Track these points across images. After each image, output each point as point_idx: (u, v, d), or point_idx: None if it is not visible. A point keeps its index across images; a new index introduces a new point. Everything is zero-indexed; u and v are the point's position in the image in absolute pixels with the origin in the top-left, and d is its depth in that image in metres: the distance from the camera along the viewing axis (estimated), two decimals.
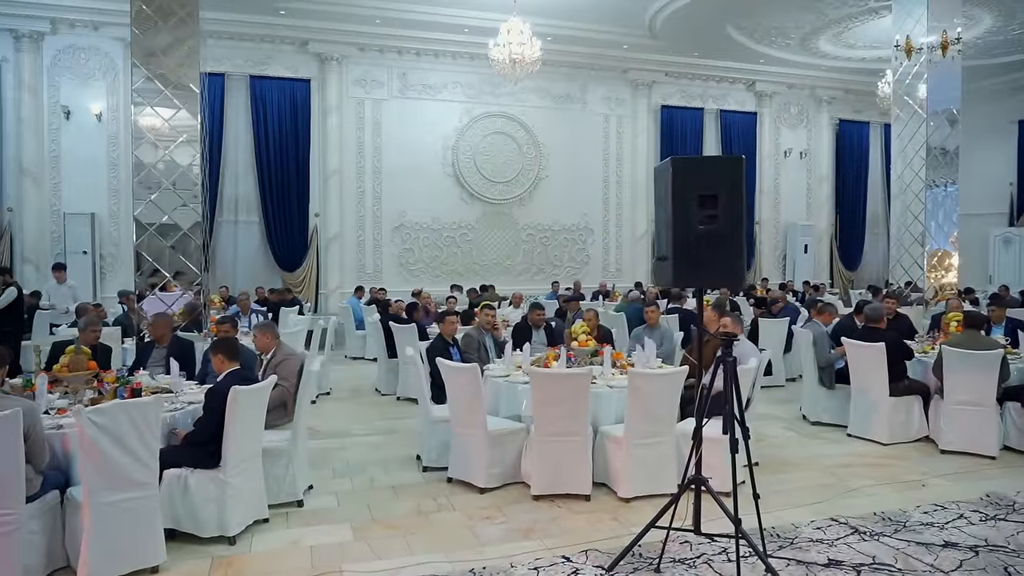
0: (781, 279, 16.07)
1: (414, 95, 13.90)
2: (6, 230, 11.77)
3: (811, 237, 16.30)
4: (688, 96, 15.62)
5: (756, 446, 6.04)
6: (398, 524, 4.44)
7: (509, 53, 10.92)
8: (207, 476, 4.09)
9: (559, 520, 4.50)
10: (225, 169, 12.84)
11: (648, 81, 15.14)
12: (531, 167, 14.60)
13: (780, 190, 16.35)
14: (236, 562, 3.92)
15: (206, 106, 12.32)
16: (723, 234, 3.55)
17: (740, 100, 15.99)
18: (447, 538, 4.22)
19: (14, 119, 11.73)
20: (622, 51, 14.30)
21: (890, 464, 5.70)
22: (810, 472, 5.51)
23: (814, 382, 7.00)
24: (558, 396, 4.79)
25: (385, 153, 13.75)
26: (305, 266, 13.34)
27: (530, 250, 14.78)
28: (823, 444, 6.33)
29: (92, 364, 4.72)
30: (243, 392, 4.08)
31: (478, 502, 4.82)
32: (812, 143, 16.60)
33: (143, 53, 6.60)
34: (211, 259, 12.76)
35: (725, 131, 15.73)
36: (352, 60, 13.43)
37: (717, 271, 3.59)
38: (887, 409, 6.22)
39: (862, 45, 13.84)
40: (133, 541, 3.68)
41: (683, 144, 15.41)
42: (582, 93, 14.95)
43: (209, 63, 12.53)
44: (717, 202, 3.56)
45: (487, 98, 14.26)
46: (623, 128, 15.23)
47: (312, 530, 4.36)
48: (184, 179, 6.78)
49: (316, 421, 7.23)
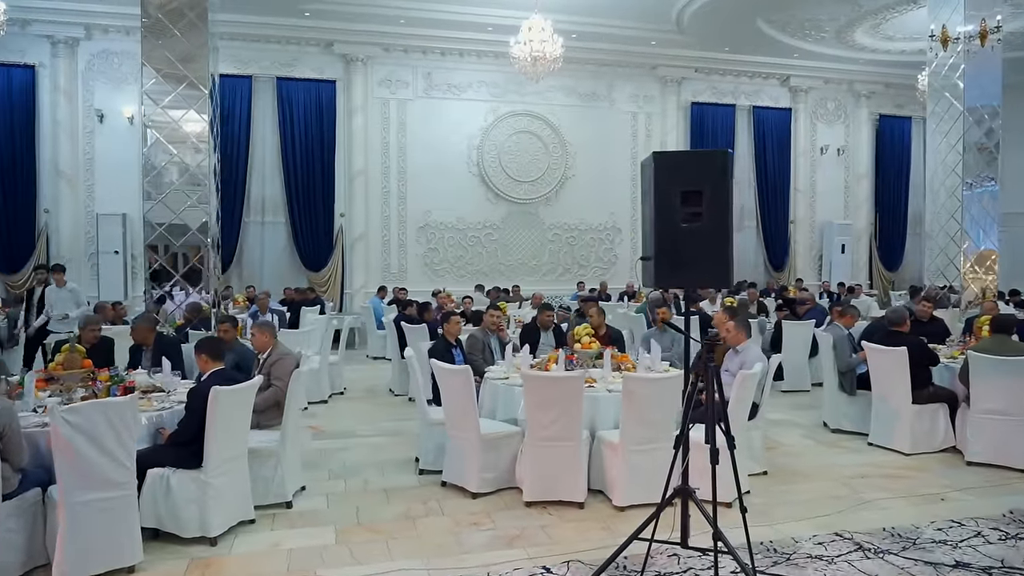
0: (817, 280, 15.58)
1: (439, 95, 13.86)
2: (43, 231, 12.12)
3: (849, 237, 15.75)
4: (719, 92, 15.24)
5: (769, 454, 5.86)
6: (383, 528, 4.36)
7: (530, 51, 10.79)
8: (189, 476, 4.07)
9: (548, 528, 4.36)
10: (252, 170, 12.99)
11: (677, 78, 14.83)
12: (557, 166, 14.43)
13: (816, 188, 15.84)
14: (214, 564, 3.89)
15: (226, 107, 12.61)
16: (708, 232, 3.38)
17: (774, 96, 15.54)
18: (429, 544, 4.13)
19: (50, 123, 12.07)
20: (650, 47, 14.03)
21: (909, 476, 5.40)
22: (822, 483, 5.25)
23: (834, 388, 6.70)
24: (551, 400, 4.66)
25: (410, 153, 13.76)
26: (330, 266, 13.41)
27: (556, 250, 14.61)
28: (840, 453, 6.04)
29: (87, 362, 4.76)
30: (224, 392, 4.05)
31: (469, 507, 4.72)
32: (850, 139, 16.04)
33: (153, 55, 6.68)
34: (238, 259, 13.03)
35: (758, 128, 15.30)
36: (377, 60, 13.47)
37: (701, 271, 3.42)
38: (910, 417, 5.90)
39: (901, 37, 13.30)
40: (109, 541, 3.67)
41: (713, 141, 15.02)
42: (609, 91, 14.72)
43: (236, 65, 12.80)
44: (701, 198, 3.39)
45: (512, 97, 14.14)
46: (652, 126, 14.95)
47: (296, 532, 4.31)
48: (193, 179, 6.84)
49: (323, 421, 7.25)
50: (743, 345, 5.51)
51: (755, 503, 4.76)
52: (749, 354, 5.41)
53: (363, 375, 9.73)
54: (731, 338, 5.58)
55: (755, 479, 5.21)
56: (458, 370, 4.92)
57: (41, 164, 12.09)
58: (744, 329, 5.57)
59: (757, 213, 15.45)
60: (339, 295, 13.49)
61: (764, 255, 15.57)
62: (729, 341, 5.61)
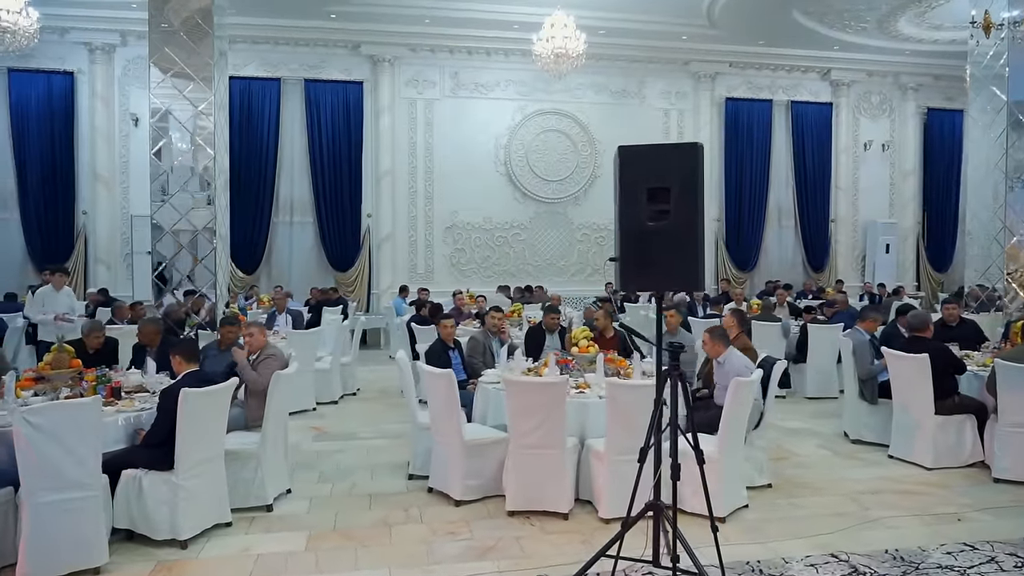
0: (860, 281, 14.93)
1: (466, 94, 13.78)
2: (81, 232, 12.50)
3: (894, 236, 15.03)
4: (755, 88, 14.74)
5: (778, 465, 5.58)
6: (357, 535, 4.26)
7: (552, 48, 10.61)
8: (160, 478, 4.05)
9: (525, 540, 4.20)
10: (281, 171, 13.14)
11: (711, 73, 14.40)
12: (586, 165, 14.19)
13: (859, 185, 15.18)
14: (177, 567, 3.85)
15: (255, 110, 12.80)
16: (676, 231, 3.16)
17: (813, 90, 14.95)
18: (399, 553, 4.01)
19: (88, 127, 12.44)
20: (681, 42, 13.66)
21: (927, 492, 5.04)
22: (829, 497, 4.94)
23: (855, 396, 6.33)
24: (533, 406, 4.49)
25: (437, 153, 13.71)
26: (357, 266, 13.47)
27: (585, 250, 14.37)
28: (856, 466, 5.69)
29: (75, 362, 4.80)
30: (194, 394, 4.01)
31: (449, 515, 4.58)
32: (896, 134, 15.32)
33: (160, 57, 6.76)
34: (267, 259, 13.21)
35: (796, 123, 14.74)
36: (404, 61, 13.47)
37: (669, 273, 3.20)
38: (932, 429, 5.52)
39: (949, 26, 12.60)
40: (74, 541, 3.66)
41: (749, 138, 14.57)
42: (640, 87, 14.39)
43: (265, 68, 12.99)
44: (669, 195, 3.17)
45: (540, 95, 13.96)
46: (684, 123, 14.56)
47: (269, 537, 4.25)
48: (200, 181, 6.90)
49: (330, 422, 7.23)
50: (723, 356, 5.21)
51: (750, 518, 4.50)
52: (732, 363, 5.11)
53: (380, 376, 9.70)
54: (709, 350, 5.30)
55: (757, 492, 4.93)
56: (440, 373, 4.80)
57: (79, 167, 12.47)
58: (721, 340, 5.27)
59: (795, 212, 14.90)
60: (366, 295, 13.54)
61: (803, 255, 15.00)
62: (708, 353, 5.34)
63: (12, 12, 9.35)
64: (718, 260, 14.70)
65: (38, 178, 12.17)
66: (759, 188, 14.66)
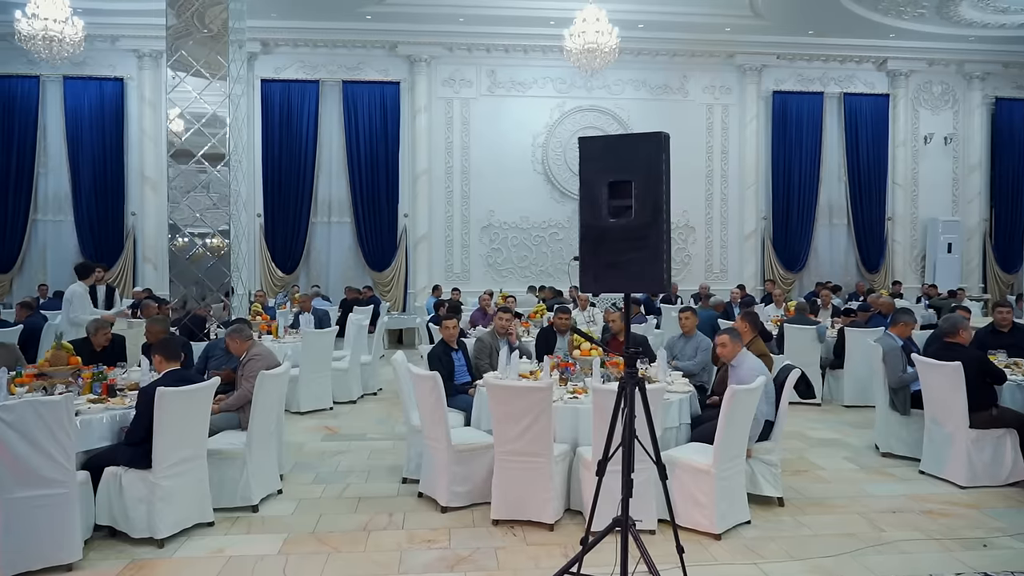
0: (919, 282, 14.11)
1: (503, 92, 13.67)
2: (130, 232, 12.96)
3: (957, 235, 14.11)
4: (805, 80, 14.09)
5: (796, 479, 5.24)
6: (333, 540, 4.18)
7: (583, 43, 10.38)
8: (138, 476, 4.06)
9: (504, 551, 4.03)
10: (319, 172, 13.30)
11: (757, 65, 13.84)
12: None
13: (919, 181, 14.32)
14: (148, 566, 3.84)
15: (294, 112, 12.97)
16: (638, 228, 2.94)
17: (869, 81, 14.19)
18: (369, 561, 3.90)
19: (137, 131, 12.89)
20: (725, 34, 13.19)
21: (955, 513, 4.62)
22: (844, 516, 4.58)
23: (886, 406, 5.89)
24: (517, 411, 4.31)
25: (473, 152, 13.64)
26: (394, 266, 13.52)
27: None
28: (881, 482, 5.28)
29: (73, 360, 4.88)
30: (169, 393, 4.00)
31: (432, 522, 4.45)
32: (960, 127, 14.38)
33: (177, 60, 6.88)
34: (306, 259, 13.40)
35: (850, 116, 14.01)
36: (441, 60, 13.45)
37: (632, 272, 2.98)
38: (966, 444, 5.07)
39: (1016, 9, 11.75)
40: (46, 538, 3.70)
41: (798, 133, 13.94)
42: (683, 82, 13.97)
43: (304, 71, 13.19)
44: (631, 189, 2.95)
45: (579, 92, 13.72)
46: (729, 118, 14.05)
47: (246, 539, 4.21)
48: (217, 183, 6.99)
49: (344, 422, 7.21)
50: (737, 358, 4.89)
51: (748, 536, 4.21)
52: (744, 368, 4.79)
53: None
54: (725, 352, 4.96)
55: (763, 508, 4.62)
56: (426, 376, 4.68)
57: (129, 170, 12.92)
58: (739, 341, 4.95)
59: (848, 209, 14.17)
60: (402, 295, 13.58)
61: (856, 255, 14.26)
62: (724, 356, 5.01)
63: (58, 22, 9.73)
64: (764, 260, 14.13)
65: (90, 181, 12.67)
66: (809, 185, 14.01)
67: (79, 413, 4.27)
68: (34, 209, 12.74)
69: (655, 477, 4.28)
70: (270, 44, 13.10)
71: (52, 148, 12.79)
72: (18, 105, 12.57)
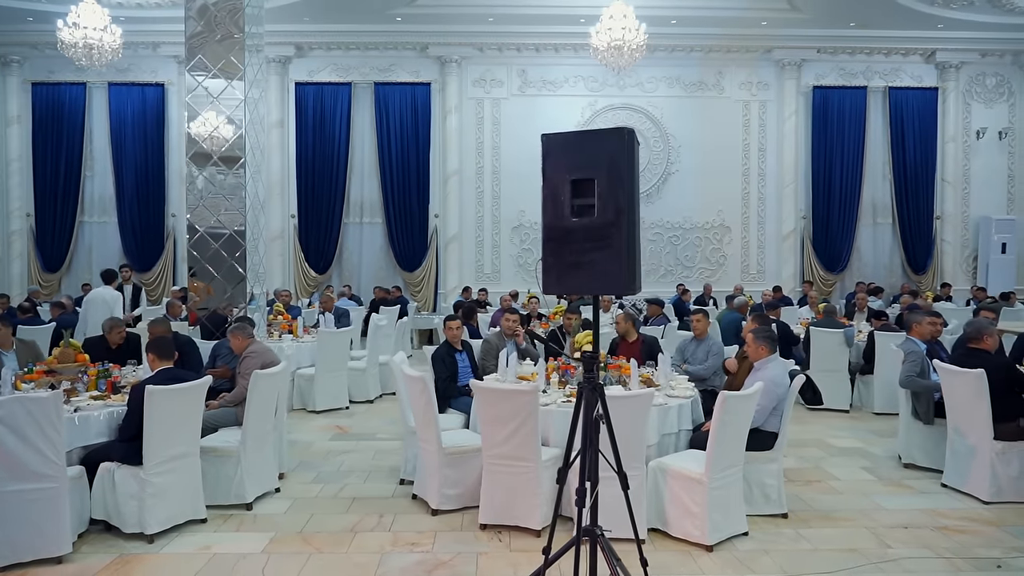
0: (971, 283, 13.44)
1: (533, 92, 13.59)
2: (171, 233, 13.35)
3: (1011, 234, 13.37)
4: (847, 74, 13.58)
5: (805, 489, 5.05)
6: (317, 540, 4.18)
7: (609, 40, 10.21)
8: (130, 472, 4.13)
9: (485, 557, 3.96)
10: (352, 173, 13.45)
11: (796, 60, 13.40)
12: (659, 161, 13.60)
13: (970, 178, 13.64)
14: (135, 560, 3.91)
15: (327, 114, 13.15)
16: (601, 227, 2.84)
17: (916, 74, 13.58)
18: (348, 563, 3.89)
19: (177, 135, 13.18)
20: (761, 28, 12.81)
21: (974, 531, 4.34)
22: (850, 530, 4.36)
23: (908, 414, 5.60)
24: (503, 415, 4.23)
25: (504, 152, 13.60)
26: (425, 266, 13.58)
27: (657, 250, 13.77)
28: (898, 494, 5.01)
29: (81, 357, 5.02)
30: (158, 391, 4.06)
31: (420, 525, 4.42)
32: (1016, 120, 13.62)
33: (194, 62, 7.04)
34: (338, 259, 13.57)
35: (895, 111, 13.44)
36: (472, 61, 13.45)
37: (595, 274, 2.87)
38: (990, 456, 4.77)
39: None
40: (36, 531, 3.79)
41: (840, 128, 13.43)
42: (718, 78, 13.63)
43: (337, 73, 13.37)
44: (595, 188, 2.85)
45: (611, 90, 13.54)
46: (766, 114, 13.65)
47: (234, 536, 4.25)
48: (233, 185, 7.13)
49: (357, 421, 7.25)
50: (762, 360, 4.72)
51: (742, 549, 4.04)
52: (766, 373, 4.62)
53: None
54: (751, 352, 4.81)
55: (764, 521, 4.42)
56: (416, 377, 4.64)
57: (169, 172, 13.30)
58: (766, 342, 4.76)
59: (893, 208, 13.59)
60: (433, 295, 13.62)
61: (901, 255, 13.67)
62: (750, 356, 4.84)
63: (97, 30, 10.09)
64: (804, 260, 13.68)
65: (132, 183, 13.10)
66: (851, 182, 13.49)
67: (78, 409, 4.39)
68: (81, 211, 13.25)
69: (646, 485, 4.19)
70: (304, 48, 13.31)
71: (98, 152, 13.27)
72: (66, 111, 13.09)
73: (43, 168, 13.11)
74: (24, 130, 13.13)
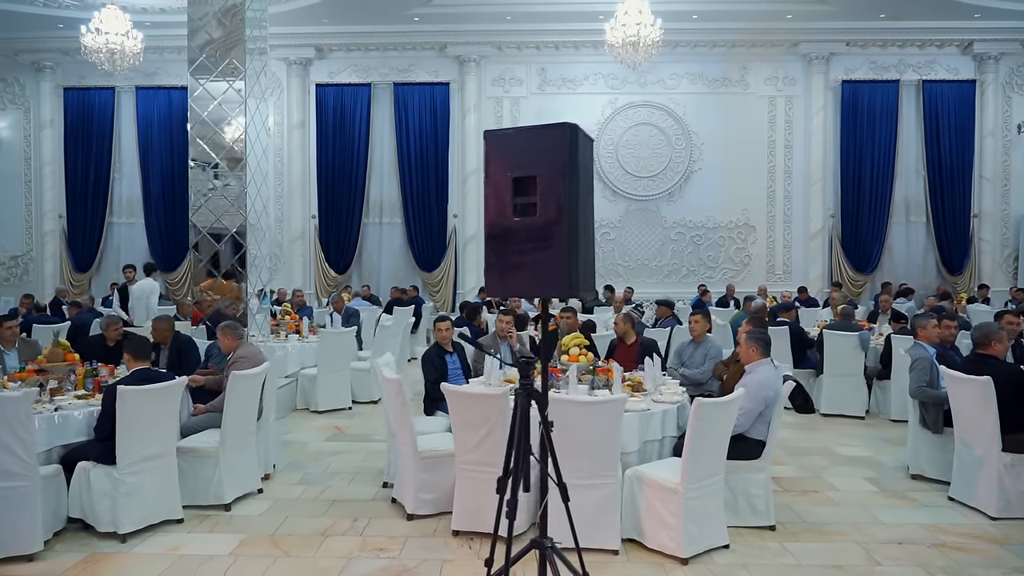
0: (1010, 284, 12.84)
1: (553, 90, 13.47)
2: None
3: None
4: (878, 68, 13.10)
5: (800, 499, 4.85)
6: (287, 543, 4.14)
7: (623, 36, 10.03)
8: (104, 472, 4.16)
9: (450, 564, 3.88)
10: (371, 173, 13.51)
11: (824, 54, 12.98)
12: (681, 159, 13.33)
13: (1010, 174, 13.02)
14: (104, 560, 3.93)
15: (347, 115, 13.22)
16: (543, 227, 2.72)
17: (952, 67, 13.03)
18: (313, 567, 3.84)
19: None
20: (786, 22, 12.44)
21: (973, 548, 4.08)
22: (840, 545, 4.14)
23: (916, 423, 5.32)
24: (474, 419, 4.15)
25: None
26: (443, 266, 13.56)
27: (679, 250, 13.51)
28: (900, 507, 4.76)
29: (70, 356, 5.09)
30: (129, 392, 4.08)
31: (392, 530, 4.35)
32: None
33: (197, 68, 7.11)
34: (358, 259, 13.64)
35: (929, 105, 12.91)
36: (491, 60, 13.38)
37: (538, 275, 2.76)
38: (998, 469, 4.50)
39: None
40: (8, 528, 3.83)
41: (870, 124, 12.97)
42: (743, 74, 13.29)
43: (357, 74, 13.45)
44: (536, 185, 2.73)
45: (631, 88, 13.31)
46: (793, 110, 13.26)
47: (206, 538, 4.24)
48: (234, 186, 7.18)
49: (358, 422, 7.23)
50: (753, 364, 4.53)
51: (720, 563, 3.87)
52: (755, 376, 4.43)
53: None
54: (743, 354, 4.62)
55: (749, 533, 4.23)
56: (391, 379, 4.58)
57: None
58: (758, 345, 4.57)
59: (927, 206, 13.07)
60: (451, 295, 13.59)
61: (936, 255, 13.13)
62: (742, 359, 4.66)
63: (119, 35, 10.31)
64: (833, 260, 13.25)
65: (159, 185, 13.39)
66: (882, 179, 13.02)
67: (59, 408, 4.44)
68: (109, 212, 13.60)
69: (621, 494, 4.05)
70: (324, 50, 13.41)
71: (126, 155, 13.60)
72: (96, 115, 13.45)
73: (74, 171, 13.50)
74: (56, 134, 13.52)
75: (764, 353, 4.58)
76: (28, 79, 13.57)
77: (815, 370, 7.63)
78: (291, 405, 7.69)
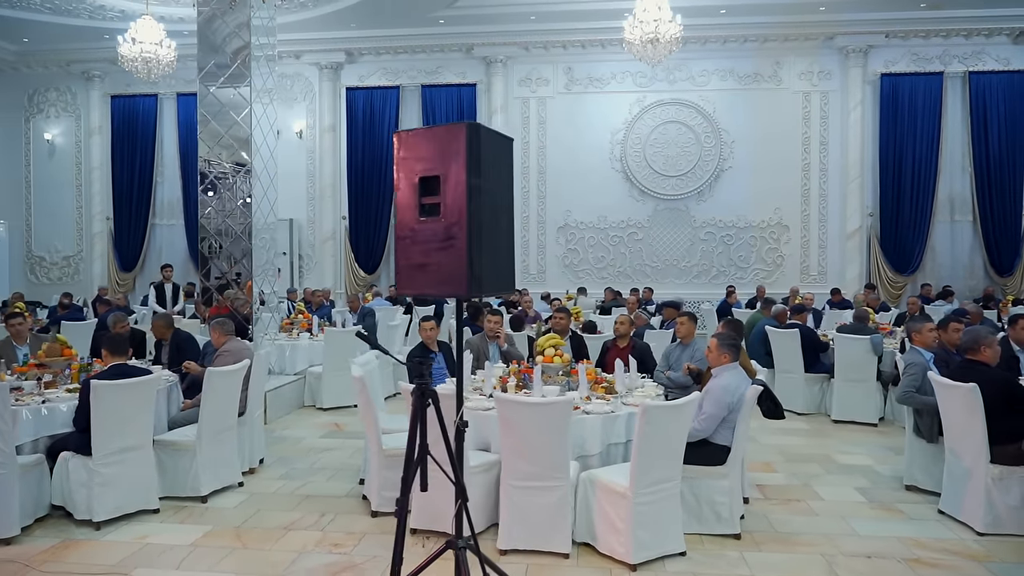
0: None
1: (580, 89, 13.37)
2: None
3: None
4: (920, 59, 12.52)
5: (779, 508, 4.71)
6: (248, 536, 4.25)
7: (640, 34, 9.88)
8: (81, 462, 4.35)
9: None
10: None
11: (862, 46, 12.48)
12: (710, 157, 13.04)
13: None
14: (74, 546, 4.11)
15: (376, 118, 13.44)
16: (446, 228, 2.72)
17: (1001, 57, 12.34)
18: (263, 561, 3.93)
19: None
20: (820, 14, 12.03)
21: (949, 565, 3.87)
22: (804, 556, 3.99)
23: (911, 432, 5.08)
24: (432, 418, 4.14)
25: (550, 151, 13.47)
26: None
27: (709, 250, 13.22)
28: (881, 519, 4.54)
29: (68, 352, 5.34)
30: (102, 386, 4.25)
31: (355, 526, 4.41)
32: None
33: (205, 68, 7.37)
34: (386, 260, 13.83)
35: (976, 98, 12.28)
36: (517, 60, 13.39)
37: (440, 276, 2.76)
38: (985, 481, 4.25)
39: None
40: None
41: (912, 118, 12.42)
42: (775, 69, 12.92)
43: (386, 77, 13.66)
44: (439, 186, 2.74)
45: (660, 85, 13.11)
46: (828, 106, 12.80)
47: (175, 528, 4.38)
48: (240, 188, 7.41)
49: (354, 420, 7.31)
50: (720, 367, 4.40)
51: (670, 570, 3.79)
52: (719, 380, 4.32)
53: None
54: (712, 358, 4.51)
55: (711, 541, 4.12)
56: (357, 377, 4.64)
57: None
58: (729, 351, 4.44)
59: (974, 204, 12.43)
60: None
61: (983, 256, 12.47)
62: (710, 361, 4.55)
63: (154, 44, 10.76)
64: (871, 261, 12.75)
65: (197, 188, 13.84)
66: (925, 176, 12.45)
67: (47, 400, 4.67)
68: (153, 214, 14.20)
69: (574, 497, 4.00)
70: (354, 54, 13.67)
71: (167, 159, 14.18)
72: (140, 121, 14.08)
73: (120, 174, 14.15)
74: (104, 140, 14.20)
75: (734, 357, 4.45)
76: (79, 88, 14.30)
77: (828, 374, 7.36)
78: (298, 402, 7.88)
